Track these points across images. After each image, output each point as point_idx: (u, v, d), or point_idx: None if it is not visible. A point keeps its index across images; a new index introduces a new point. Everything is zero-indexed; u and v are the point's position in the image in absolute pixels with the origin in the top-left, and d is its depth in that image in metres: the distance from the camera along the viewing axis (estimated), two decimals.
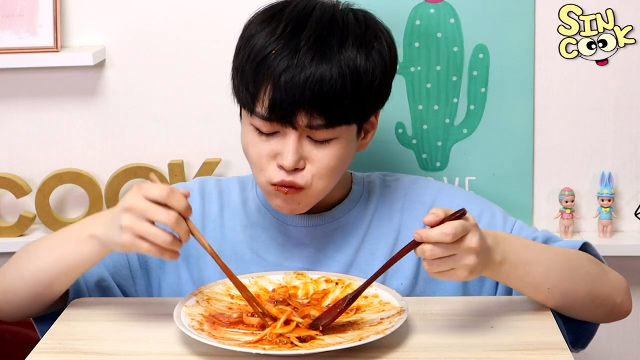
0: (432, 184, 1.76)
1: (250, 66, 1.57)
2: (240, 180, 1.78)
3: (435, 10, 2.04)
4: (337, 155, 1.60)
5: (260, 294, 1.59)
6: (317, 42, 1.55)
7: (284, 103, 1.54)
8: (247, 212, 1.73)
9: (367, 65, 1.57)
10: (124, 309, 1.60)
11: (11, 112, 2.12)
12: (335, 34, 1.57)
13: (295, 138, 1.57)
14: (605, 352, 2.19)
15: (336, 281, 1.61)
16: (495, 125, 2.07)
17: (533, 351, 1.43)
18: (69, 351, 1.46)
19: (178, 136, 2.12)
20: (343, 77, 1.54)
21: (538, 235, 1.66)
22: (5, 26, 2.05)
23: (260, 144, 1.59)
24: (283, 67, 1.54)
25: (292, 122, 1.55)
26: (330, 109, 1.55)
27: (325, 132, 1.57)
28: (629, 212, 2.12)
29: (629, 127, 2.08)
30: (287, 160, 1.56)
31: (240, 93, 1.60)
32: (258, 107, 1.57)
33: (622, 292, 1.61)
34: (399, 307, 1.51)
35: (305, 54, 1.54)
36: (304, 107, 1.54)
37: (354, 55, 1.56)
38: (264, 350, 1.39)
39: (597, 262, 1.60)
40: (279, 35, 1.56)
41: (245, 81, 1.58)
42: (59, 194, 2.14)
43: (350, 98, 1.56)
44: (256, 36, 1.58)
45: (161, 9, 2.08)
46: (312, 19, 1.58)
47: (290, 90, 1.53)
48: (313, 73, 1.53)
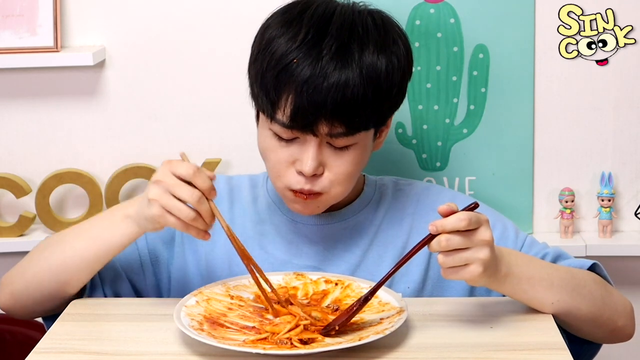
0: (445, 192, 1.77)
1: (272, 73, 1.56)
2: (250, 178, 1.79)
3: (435, 10, 2.04)
4: (355, 161, 1.61)
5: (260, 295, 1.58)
6: (339, 50, 1.55)
7: (306, 112, 1.54)
8: (257, 208, 1.74)
9: (387, 71, 1.57)
10: (124, 309, 1.60)
11: (11, 112, 2.12)
12: (356, 40, 1.56)
13: (315, 145, 1.57)
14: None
15: (336, 282, 1.61)
16: (495, 125, 2.07)
17: (533, 351, 1.43)
18: (69, 351, 1.46)
19: (178, 136, 2.12)
20: (364, 85, 1.54)
21: (549, 252, 1.66)
22: (5, 26, 2.05)
23: (280, 149, 1.59)
24: (306, 76, 1.53)
25: (313, 130, 1.55)
26: (351, 118, 1.55)
27: (345, 140, 1.58)
28: (629, 212, 2.12)
29: (629, 127, 2.08)
30: (306, 167, 1.57)
31: (260, 99, 1.59)
32: (279, 114, 1.56)
33: (625, 316, 1.62)
34: (398, 307, 1.51)
35: (328, 62, 1.54)
36: (326, 116, 1.54)
37: (375, 61, 1.56)
38: (264, 350, 1.39)
39: (602, 283, 1.60)
40: (300, 43, 1.55)
41: (266, 88, 1.57)
42: (59, 194, 2.14)
43: (371, 105, 1.56)
44: (276, 41, 1.57)
45: (161, 9, 2.08)
46: (333, 25, 1.57)
47: (312, 100, 1.53)
48: (336, 82, 1.53)
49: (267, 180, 1.76)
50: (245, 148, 2.11)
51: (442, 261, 1.42)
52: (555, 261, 1.64)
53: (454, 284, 1.70)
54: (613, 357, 2.16)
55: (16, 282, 1.63)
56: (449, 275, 1.44)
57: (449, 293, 1.70)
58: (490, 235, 1.43)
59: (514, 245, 1.67)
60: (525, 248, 1.68)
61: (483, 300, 1.63)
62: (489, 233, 1.43)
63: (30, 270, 1.62)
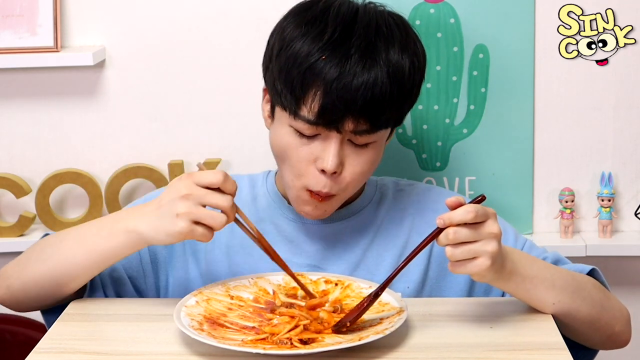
0: (446, 194, 1.78)
1: (298, 71, 1.56)
2: (250, 177, 1.79)
3: (435, 10, 2.04)
4: (372, 160, 1.63)
5: (260, 295, 1.59)
6: (367, 48, 1.56)
7: (335, 109, 1.54)
8: (257, 207, 1.74)
9: (410, 70, 1.59)
10: (124, 309, 1.60)
11: (11, 112, 2.12)
12: (382, 39, 1.58)
13: (338, 142, 1.58)
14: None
15: (336, 282, 1.61)
16: (495, 125, 2.07)
17: (533, 351, 1.43)
18: (69, 351, 1.46)
19: (178, 136, 2.12)
20: (391, 83, 1.56)
21: (548, 256, 1.67)
22: (5, 26, 2.05)
23: (301, 147, 1.59)
24: (335, 73, 1.54)
25: (338, 127, 1.56)
26: (377, 115, 1.57)
27: (367, 137, 1.59)
28: (629, 212, 2.12)
29: (629, 127, 2.08)
30: (328, 164, 1.57)
31: (284, 96, 1.59)
32: (304, 111, 1.57)
33: (622, 322, 1.62)
34: (398, 307, 1.51)
35: (357, 61, 1.55)
36: (353, 114, 1.55)
37: (400, 60, 1.58)
38: (264, 350, 1.39)
39: (601, 288, 1.61)
40: (327, 41, 1.56)
41: (292, 84, 1.57)
42: (59, 194, 2.14)
43: (395, 103, 1.58)
44: (299, 40, 1.58)
45: (161, 10, 2.07)
46: (359, 24, 1.58)
47: (342, 97, 1.54)
48: (365, 80, 1.54)
49: (268, 179, 1.76)
50: (245, 148, 2.11)
51: (450, 254, 1.42)
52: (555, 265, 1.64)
53: (453, 284, 1.70)
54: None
55: (13, 278, 1.63)
56: (456, 268, 1.43)
57: (448, 293, 1.70)
58: (498, 228, 1.44)
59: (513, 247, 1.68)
60: (525, 251, 1.68)
61: (483, 300, 1.63)
62: (497, 226, 1.43)
63: (28, 269, 1.61)
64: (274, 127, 1.65)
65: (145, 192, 2.14)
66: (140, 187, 2.14)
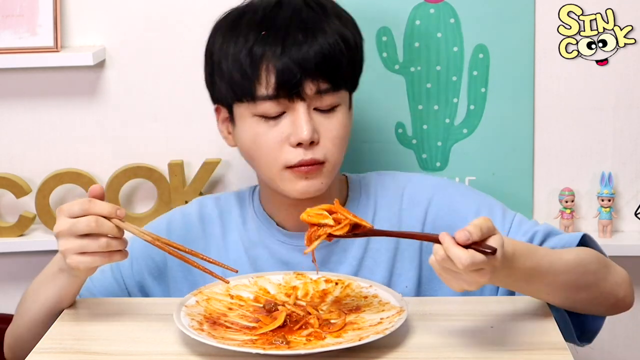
0: (427, 181, 1.75)
1: (244, 55, 1.59)
2: (237, 195, 1.77)
3: (435, 10, 2.04)
4: (344, 123, 1.63)
5: (260, 295, 1.59)
6: (303, 18, 1.60)
7: (290, 73, 1.56)
8: (248, 230, 1.72)
9: (351, 33, 1.63)
10: (124, 309, 1.60)
11: (11, 112, 2.12)
12: (314, 11, 1.62)
13: (305, 110, 1.59)
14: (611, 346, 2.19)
15: (336, 281, 1.61)
16: (495, 125, 2.07)
17: (533, 351, 1.43)
18: (69, 351, 1.46)
19: (178, 136, 2.12)
20: (337, 42, 1.59)
21: (539, 229, 1.65)
22: (5, 26, 2.05)
23: (270, 130, 1.60)
24: (280, 40, 1.57)
25: (300, 92, 1.57)
26: (334, 71, 1.59)
27: (331, 97, 1.60)
28: (629, 212, 2.12)
29: (629, 127, 2.08)
30: (303, 133, 1.58)
31: (237, 87, 1.60)
32: (261, 90, 1.58)
33: (625, 286, 1.61)
34: (398, 307, 1.51)
35: (297, 27, 1.58)
36: (310, 74, 1.57)
37: (339, 24, 1.62)
38: (264, 350, 1.39)
39: (602, 260, 1.59)
40: (261, 21, 1.60)
41: (241, 70, 1.59)
42: (59, 194, 2.14)
43: (346, 60, 1.61)
44: (233, 39, 1.61)
45: (161, 9, 2.07)
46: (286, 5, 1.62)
47: (294, 59, 1.56)
48: (312, 42, 1.57)
49: (254, 198, 1.75)
50: None
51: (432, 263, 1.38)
52: (546, 238, 1.63)
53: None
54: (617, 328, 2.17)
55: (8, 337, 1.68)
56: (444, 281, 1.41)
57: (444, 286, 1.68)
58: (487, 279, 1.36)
59: (501, 226, 1.65)
60: (514, 227, 1.66)
61: (483, 300, 1.63)
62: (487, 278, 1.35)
63: (14, 328, 1.66)
64: (237, 130, 1.65)
65: (145, 192, 2.14)
66: (140, 187, 2.14)
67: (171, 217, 1.77)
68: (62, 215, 1.49)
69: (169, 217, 1.77)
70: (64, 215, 1.48)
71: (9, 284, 2.20)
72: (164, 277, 1.73)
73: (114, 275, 1.72)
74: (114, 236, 1.49)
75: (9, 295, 2.14)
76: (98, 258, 1.49)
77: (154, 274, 1.73)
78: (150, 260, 1.72)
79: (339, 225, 1.44)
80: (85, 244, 1.47)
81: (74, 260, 1.48)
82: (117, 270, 1.71)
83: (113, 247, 1.48)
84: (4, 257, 2.17)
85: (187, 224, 1.74)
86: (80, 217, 1.47)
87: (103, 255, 1.49)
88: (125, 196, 2.13)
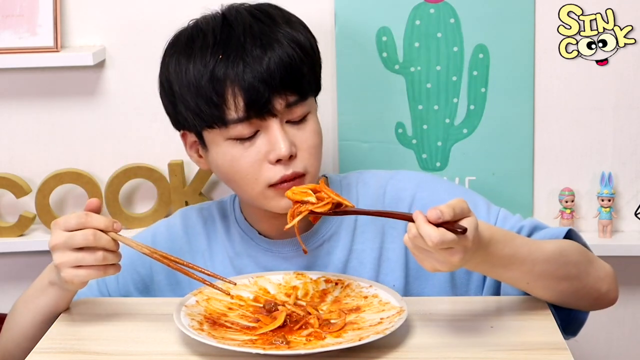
0: (411, 177, 1.74)
1: (205, 82, 1.57)
2: (219, 205, 1.77)
3: (435, 10, 2.04)
4: (316, 130, 1.63)
5: (260, 295, 1.59)
6: (255, 32, 1.59)
7: (258, 92, 1.55)
8: (232, 240, 1.72)
9: (304, 37, 1.62)
10: (124, 309, 1.60)
11: (11, 112, 2.12)
12: (262, 20, 1.61)
13: (279, 124, 1.58)
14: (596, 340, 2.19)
15: (336, 281, 1.61)
16: (495, 125, 2.07)
17: (533, 351, 1.43)
18: (69, 351, 1.46)
19: (178, 136, 2.12)
20: (294, 50, 1.59)
21: (524, 224, 1.65)
22: (5, 26, 2.05)
23: (246, 152, 1.59)
24: (240, 61, 1.56)
25: (271, 109, 1.57)
26: (299, 81, 1.58)
27: (301, 108, 1.60)
28: (629, 212, 2.12)
29: (629, 127, 2.08)
30: (282, 149, 1.57)
31: (205, 115, 1.59)
32: (231, 114, 1.57)
33: (608, 281, 1.61)
34: (398, 307, 1.51)
35: (252, 44, 1.57)
36: (277, 89, 1.56)
37: (291, 31, 1.61)
38: (264, 350, 1.39)
39: (585, 253, 1.59)
40: (214, 45, 1.58)
41: (206, 98, 1.57)
42: (59, 194, 2.14)
43: (307, 66, 1.60)
44: (187, 63, 1.60)
45: (161, 9, 2.07)
46: (233, 20, 1.61)
47: (258, 77, 1.55)
48: (271, 55, 1.56)
49: (235, 207, 1.74)
50: None
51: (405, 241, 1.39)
52: (532, 233, 1.63)
53: (433, 274, 1.68)
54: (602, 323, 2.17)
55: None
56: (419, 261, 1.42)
57: (431, 283, 1.68)
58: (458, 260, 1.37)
59: (486, 221, 1.65)
60: (499, 222, 1.66)
61: (483, 300, 1.63)
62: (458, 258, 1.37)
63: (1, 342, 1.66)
64: (210, 155, 1.64)
65: (145, 192, 2.14)
66: (140, 187, 2.14)
67: (155, 230, 1.77)
68: (58, 228, 1.49)
69: (153, 230, 1.77)
70: (60, 229, 1.49)
71: (9, 284, 2.20)
72: (149, 290, 1.73)
73: (99, 289, 1.71)
74: (109, 249, 1.49)
75: (9, 295, 2.14)
76: (93, 272, 1.49)
77: (140, 288, 1.72)
78: (136, 274, 1.72)
79: (321, 202, 1.46)
80: (82, 257, 1.48)
81: (69, 274, 1.49)
82: (103, 283, 1.71)
83: (109, 261, 1.49)
84: (4, 257, 2.17)
85: (172, 235, 1.74)
86: (76, 231, 1.48)
87: (98, 269, 1.49)
88: (125, 196, 2.13)
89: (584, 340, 2.07)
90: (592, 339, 2.19)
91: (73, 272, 1.48)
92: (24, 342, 1.60)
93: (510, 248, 1.47)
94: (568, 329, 1.63)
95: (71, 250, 1.48)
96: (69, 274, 1.49)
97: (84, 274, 1.49)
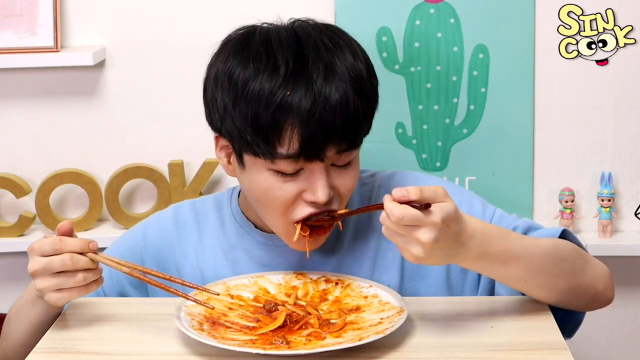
0: (408, 177, 1.73)
1: (266, 114, 1.50)
2: (215, 199, 1.75)
3: (435, 10, 2.04)
4: (356, 174, 1.59)
5: (260, 295, 1.59)
6: (326, 67, 1.52)
7: (316, 140, 1.50)
8: (226, 234, 1.70)
9: (368, 73, 1.56)
10: (124, 309, 1.60)
11: (11, 112, 2.12)
12: (332, 53, 1.54)
13: (323, 169, 1.53)
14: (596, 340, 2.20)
15: (336, 281, 1.61)
16: (495, 125, 2.07)
17: (533, 351, 1.43)
18: (69, 351, 1.46)
19: (178, 136, 2.12)
20: (359, 95, 1.52)
21: (519, 225, 1.64)
22: (5, 26, 2.05)
23: (285, 185, 1.54)
24: (307, 104, 1.49)
25: (322, 156, 1.52)
26: (356, 132, 1.53)
27: (349, 155, 1.55)
28: (629, 212, 2.12)
29: (629, 127, 2.09)
30: (320, 196, 1.53)
31: (255, 144, 1.53)
32: (282, 150, 1.51)
33: (604, 280, 1.61)
34: (398, 307, 1.51)
35: (322, 84, 1.50)
36: (334, 139, 1.51)
37: (356, 64, 1.54)
38: (264, 350, 1.39)
39: (579, 251, 1.59)
40: (285, 74, 1.51)
41: (263, 129, 1.50)
42: (59, 194, 2.14)
43: (367, 113, 1.55)
44: (254, 80, 1.52)
45: (161, 10, 2.08)
46: (306, 47, 1.54)
47: (320, 125, 1.49)
48: (338, 101, 1.50)
49: (232, 201, 1.72)
50: None
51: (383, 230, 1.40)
52: (526, 233, 1.62)
53: (429, 273, 1.68)
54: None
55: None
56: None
57: (426, 282, 1.68)
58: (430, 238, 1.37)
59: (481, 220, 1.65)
60: (495, 221, 1.65)
61: (483, 300, 1.63)
62: (428, 236, 1.37)
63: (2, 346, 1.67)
64: (246, 174, 1.58)
65: (145, 192, 2.15)
66: (140, 187, 2.14)
67: (147, 223, 1.76)
68: (34, 254, 1.49)
69: (145, 224, 1.76)
70: (36, 254, 1.49)
71: (9, 284, 2.20)
72: (143, 284, 1.72)
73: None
74: (89, 268, 1.50)
75: (9, 295, 2.14)
76: (76, 292, 1.50)
77: (135, 284, 1.72)
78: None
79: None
80: (62, 281, 1.49)
81: (53, 297, 1.50)
82: None
83: (90, 280, 1.50)
84: (4, 257, 2.17)
85: (162, 229, 1.73)
86: (53, 256, 1.48)
87: (80, 289, 1.50)
88: (125, 196, 2.13)
89: (584, 340, 2.08)
90: (592, 339, 2.19)
91: (56, 296, 1.50)
92: (21, 350, 1.61)
93: (506, 243, 1.47)
94: (564, 330, 1.63)
95: (51, 275, 1.49)
96: (52, 297, 1.50)
97: (67, 296, 1.50)
